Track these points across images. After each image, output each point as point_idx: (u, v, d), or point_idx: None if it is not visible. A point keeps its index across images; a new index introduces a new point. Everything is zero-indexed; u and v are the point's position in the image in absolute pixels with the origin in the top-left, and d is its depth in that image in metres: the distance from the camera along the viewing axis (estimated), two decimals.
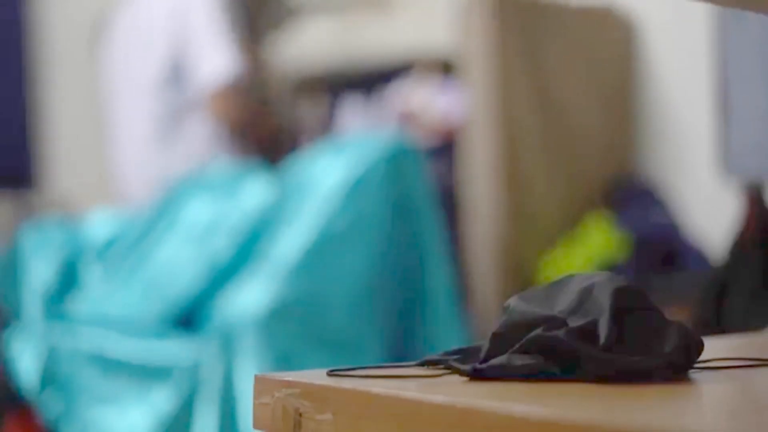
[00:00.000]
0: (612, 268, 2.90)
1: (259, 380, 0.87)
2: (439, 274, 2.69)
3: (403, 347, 2.63)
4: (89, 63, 5.11)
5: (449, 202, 3.11)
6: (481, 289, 3.01)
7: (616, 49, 3.35)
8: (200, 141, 3.15)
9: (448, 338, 2.61)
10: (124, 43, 3.27)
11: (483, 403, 0.69)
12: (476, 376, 0.82)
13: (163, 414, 2.46)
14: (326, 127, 4.12)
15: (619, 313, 0.80)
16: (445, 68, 3.61)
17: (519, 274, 3.01)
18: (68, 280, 2.79)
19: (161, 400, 2.47)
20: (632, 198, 3.19)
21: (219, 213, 2.71)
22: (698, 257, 3.00)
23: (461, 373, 0.83)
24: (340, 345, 2.49)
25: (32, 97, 5.37)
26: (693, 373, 0.84)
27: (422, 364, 0.89)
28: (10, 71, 5.36)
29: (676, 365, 0.82)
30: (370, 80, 3.97)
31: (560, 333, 0.80)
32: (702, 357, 0.85)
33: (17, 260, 2.80)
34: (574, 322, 0.80)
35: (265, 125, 3.40)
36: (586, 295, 0.82)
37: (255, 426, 0.88)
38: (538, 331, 0.81)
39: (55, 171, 5.30)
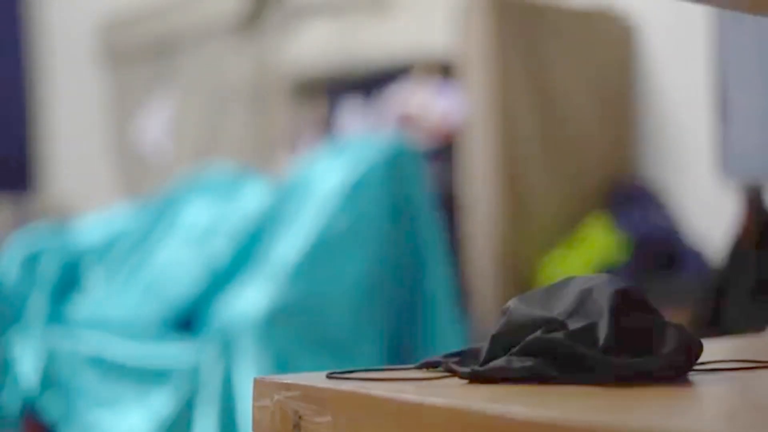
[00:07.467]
0: (611, 269, 2.90)
1: (258, 383, 0.87)
2: (439, 276, 2.69)
3: (402, 349, 2.62)
4: (88, 67, 5.11)
5: (449, 204, 3.11)
6: (481, 290, 3.01)
7: (616, 51, 3.35)
8: None
9: (448, 340, 2.61)
10: None
11: (482, 406, 0.69)
12: (475, 378, 0.82)
13: (163, 417, 2.46)
14: (325, 129, 4.12)
15: (618, 315, 0.80)
16: (444, 70, 3.61)
17: (518, 276, 3.01)
18: (68, 283, 2.79)
19: (161, 403, 2.47)
20: (631, 199, 3.19)
21: (218, 215, 2.71)
22: (697, 259, 3.00)
23: (460, 375, 0.83)
24: (340, 347, 2.49)
25: (31, 101, 5.37)
26: (692, 375, 0.84)
27: (421, 367, 0.89)
28: (9, 75, 5.36)
29: (676, 367, 0.81)
30: (370, 82, 3.97)
31: (560, 335, 0.80)
32: (701, 359, 0.85)
33: (17, 263, 2.80)
34: (574, 324, 0.80)
35: None
36: (586, 297, 0.82)
37: (254, 429, 0.88)
38: (538, 333, 0.81)
39: (53, 175, 5.30)
